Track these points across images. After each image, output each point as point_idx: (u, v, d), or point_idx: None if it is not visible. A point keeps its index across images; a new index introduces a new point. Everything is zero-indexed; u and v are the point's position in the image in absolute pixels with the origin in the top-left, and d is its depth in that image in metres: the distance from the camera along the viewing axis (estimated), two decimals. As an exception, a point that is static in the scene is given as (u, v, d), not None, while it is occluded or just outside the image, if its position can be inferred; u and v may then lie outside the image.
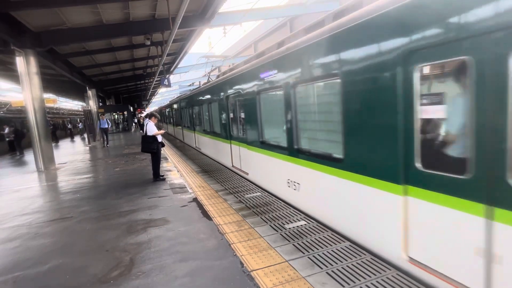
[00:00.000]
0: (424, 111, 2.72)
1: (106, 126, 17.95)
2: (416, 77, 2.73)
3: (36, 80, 10.42)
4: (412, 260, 2.94)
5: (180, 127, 18.35)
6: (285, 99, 5.04)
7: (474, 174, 2.35)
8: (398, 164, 2.96)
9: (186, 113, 15.49)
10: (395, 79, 2.90)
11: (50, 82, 19.55)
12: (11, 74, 16.36)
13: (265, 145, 6.11)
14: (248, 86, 6.53)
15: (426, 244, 2.81)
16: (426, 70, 2.73)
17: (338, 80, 3.72)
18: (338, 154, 3.93)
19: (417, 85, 2.74)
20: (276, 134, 5.82)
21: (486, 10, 2.16)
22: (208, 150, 11.43)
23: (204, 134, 11.74)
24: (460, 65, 2.43)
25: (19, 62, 10.19)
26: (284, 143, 5.26)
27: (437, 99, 2.65)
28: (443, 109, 2.60)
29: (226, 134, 8.58)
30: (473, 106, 2.31)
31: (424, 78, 2.74)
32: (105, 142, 17.32)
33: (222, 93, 8.51)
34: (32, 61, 10.28)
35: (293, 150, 5.00)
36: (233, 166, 8.32)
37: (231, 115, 8.06)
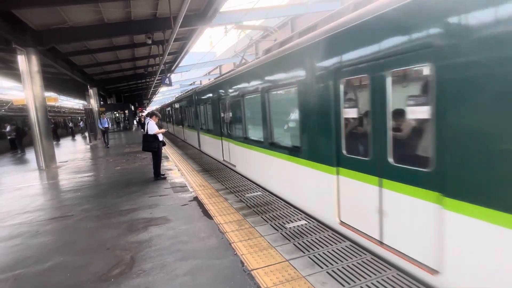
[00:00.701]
0: (346, 113, 3.75)
1: (107, 125, 16.97)
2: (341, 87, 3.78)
3: (37, 79, 10.44)
4: (342, 223, 3.96)
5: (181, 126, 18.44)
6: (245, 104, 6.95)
7: (372, 156, 3.36)
8: (332, 152, 3.96)
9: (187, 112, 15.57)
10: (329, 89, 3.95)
11: (52, 81, 19.58)
12: (13, 72, 16.40)
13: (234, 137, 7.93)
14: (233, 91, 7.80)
15: (350, 210, 3.81)
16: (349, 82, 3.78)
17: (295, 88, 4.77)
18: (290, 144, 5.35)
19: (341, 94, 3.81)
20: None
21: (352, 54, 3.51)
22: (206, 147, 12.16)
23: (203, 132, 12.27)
24: (361, 80, 3.55)
25: (21, 60, 10.20)
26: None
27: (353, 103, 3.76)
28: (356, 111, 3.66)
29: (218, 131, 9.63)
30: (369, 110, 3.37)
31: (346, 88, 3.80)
32: (106, 143, 16.56)
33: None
34: (34, 59, 10.30)
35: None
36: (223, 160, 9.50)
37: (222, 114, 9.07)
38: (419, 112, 2.82)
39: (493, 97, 2.18)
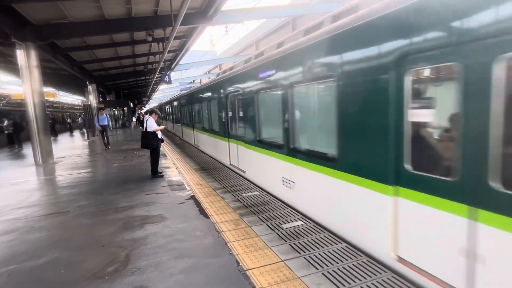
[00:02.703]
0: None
1: (106, 123, 14.05)
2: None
3: (36, 74, 10.39)
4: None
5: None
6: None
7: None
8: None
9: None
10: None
11: (50, 76, 19.48)
12: (12, 66, 16.31)
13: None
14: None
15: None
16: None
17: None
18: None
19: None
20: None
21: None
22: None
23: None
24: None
25: (20, 55, 10.15)
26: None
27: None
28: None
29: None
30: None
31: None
32: (106, 144, 13.78)
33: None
34: (33, 54, 10.25)
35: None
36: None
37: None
38: None
39: None
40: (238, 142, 7.67)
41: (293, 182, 5.08)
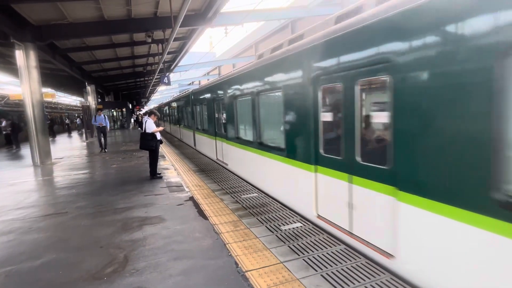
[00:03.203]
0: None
1: (104, 124, 13.37)
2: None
3: (35, 74, 10.38)
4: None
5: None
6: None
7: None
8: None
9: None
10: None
11: (49, 77, 19.46)
12: (10, 67, 16.27)
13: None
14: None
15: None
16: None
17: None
18: None
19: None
20: None
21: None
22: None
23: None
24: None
25: (19, 55, 10.14)
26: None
27: None
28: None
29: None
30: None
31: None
32: (103, 146, 13.21)
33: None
34: (32, 54, 10.24)
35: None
36: None
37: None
38: None
39: None
40: (222, 140, 8.97)
41: (257, 167, 6.49)
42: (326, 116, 4.12)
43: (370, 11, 3.35)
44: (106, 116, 14.00)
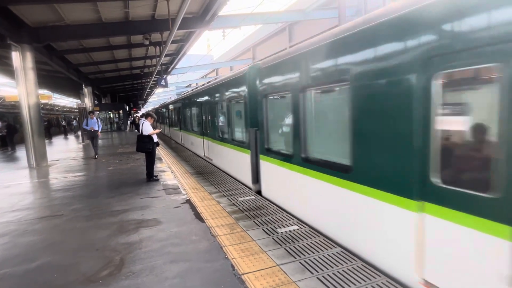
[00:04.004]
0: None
1: (97, 128, 12.15)
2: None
3: (31, 76, 10.33)
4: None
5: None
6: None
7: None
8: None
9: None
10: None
11: (46, 78, 19.37)
12: (6, 68, 16.19)
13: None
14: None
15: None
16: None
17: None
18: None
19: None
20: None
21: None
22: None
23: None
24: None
25: (15, 56, 10.10)
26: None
27: None
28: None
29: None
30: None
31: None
32: (94, 151, 12.18)
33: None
34: (28, 56, 10.20)
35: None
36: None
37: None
38: None
39: None
40: (208, 139, 10.16)
41: (233, 159, 7.73)
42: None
43: None
44: (99, 120, 12.77)
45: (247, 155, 6.52)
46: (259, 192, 6.28)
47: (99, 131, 12.38)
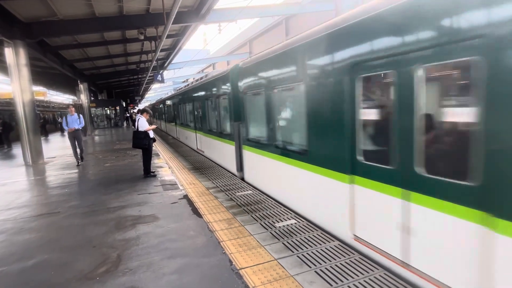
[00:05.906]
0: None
1: (77, 126, 9.80)
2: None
3: (25, 72, 10.21)
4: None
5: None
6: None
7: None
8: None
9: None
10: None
11: (40, 75, 19.17)
12: (0, 65, 15.98)
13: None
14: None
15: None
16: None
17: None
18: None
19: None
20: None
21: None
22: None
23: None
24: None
25: (8, 53, 9.96)
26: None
27: None
28: None
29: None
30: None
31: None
32: (78, 157, 9.87)
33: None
34: (22, 52, 10.06)
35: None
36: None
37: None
38: None
39: None
40: (200, 133, 10.92)
41: (221, 151, 8.51)
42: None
43: None
44: (81, 116, 10.16)
45: (233, 146, 7.37)
46: (243, 179, 7.03)
47: (80, 128, 10.03)
